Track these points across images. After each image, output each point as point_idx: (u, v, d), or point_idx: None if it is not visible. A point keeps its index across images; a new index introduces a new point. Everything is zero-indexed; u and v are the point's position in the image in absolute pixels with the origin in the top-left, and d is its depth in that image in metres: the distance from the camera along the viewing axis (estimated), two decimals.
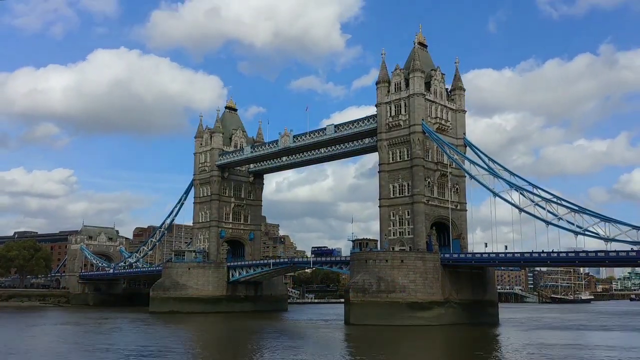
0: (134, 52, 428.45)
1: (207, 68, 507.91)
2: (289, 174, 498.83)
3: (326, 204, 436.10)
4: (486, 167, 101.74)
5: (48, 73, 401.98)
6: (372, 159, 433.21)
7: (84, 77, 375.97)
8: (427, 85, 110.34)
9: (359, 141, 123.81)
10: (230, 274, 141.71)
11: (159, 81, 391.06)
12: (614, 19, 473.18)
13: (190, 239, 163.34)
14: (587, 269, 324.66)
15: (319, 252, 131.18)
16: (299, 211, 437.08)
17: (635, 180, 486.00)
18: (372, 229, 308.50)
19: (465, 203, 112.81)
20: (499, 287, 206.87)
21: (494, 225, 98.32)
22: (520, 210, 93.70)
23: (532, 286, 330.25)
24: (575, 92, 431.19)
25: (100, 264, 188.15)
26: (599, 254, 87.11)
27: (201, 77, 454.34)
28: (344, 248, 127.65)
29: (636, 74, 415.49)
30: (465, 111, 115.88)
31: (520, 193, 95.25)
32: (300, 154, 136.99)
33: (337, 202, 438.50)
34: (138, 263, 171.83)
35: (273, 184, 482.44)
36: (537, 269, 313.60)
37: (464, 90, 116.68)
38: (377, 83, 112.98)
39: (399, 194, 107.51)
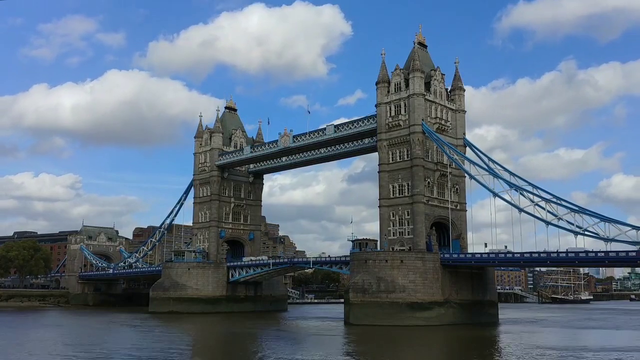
0: (141, 74, 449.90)
1: (205, 89, 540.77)
2: (281, 179, 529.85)
3: (319, 207, 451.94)
4: (486, 167, 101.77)
5: (59, 91, 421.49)
6: (362, 163, 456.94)
7: (93, 96, 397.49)
8: (427, 86, 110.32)
9: (359, 141, 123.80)
10: (230, 274, 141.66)
11: (162, 100, 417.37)
12: (576, 42, 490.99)
13: (190, 239, 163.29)
14: (586, 269, 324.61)
15: None
16: (293, 214, 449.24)
17: (614, 185, 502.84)
18: (365, 231, 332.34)
19: (465, 203, 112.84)
20: (498, 287, 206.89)
21: (493, 226, 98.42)
22: (520, 210, 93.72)
23: (532, 286, 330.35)
24: (545, 107, 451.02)
25: (100, 264, 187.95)
26: (598, 254, 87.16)
27: (199, 96, 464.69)
28: (339, 249, 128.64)
29: (597, 90, 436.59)
30: (465, 111, 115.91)
31: (520, 193, 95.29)
32: (300, 154, 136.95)
33: (330, 205, 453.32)
34: (138, 263, 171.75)
35: (266, 187, 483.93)
36: (537, 269, 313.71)
37: (464, 90, 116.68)
38: (377, 83, 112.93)
39: (399, 194, 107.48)
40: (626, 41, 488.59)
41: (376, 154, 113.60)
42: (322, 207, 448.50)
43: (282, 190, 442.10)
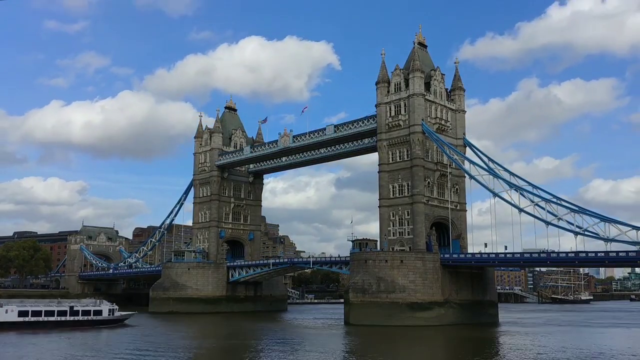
0: (148, 96, 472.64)
1: (205, 109, 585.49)
2: (273, 184, 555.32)
3: (311, 210, 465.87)
4: (486, 167, 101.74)
5: (72, 108, 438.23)
6: (352, 167, 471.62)
7: (104, 115, 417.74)
8: (427, 86, 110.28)
9: (359, 141, 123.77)
10: (230, 274, 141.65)
11: (168, 118, 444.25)
12: (539, 61, 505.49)
13: (190, 239, 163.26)
14: (586, 269, 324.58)
15: None
16: (287, 216, 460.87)
17: (593, 188, 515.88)
18: (357, 232, 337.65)
19: (465, 203, 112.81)
20: (498, 287, 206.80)
21: (493, 226, 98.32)
22: (520, 210, 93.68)
23: (531, 286, 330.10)
24: (516, 121, 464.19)
25: (99, 264, 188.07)
26: (599, 254, 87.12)
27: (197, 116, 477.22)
28: (335, 250, 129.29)
29: (561, 107, 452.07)
30: (465, 111, 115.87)
31: (520, 193, 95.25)
32: (300, 154, 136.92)
33: (322, 209, 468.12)
34: (138, 263, 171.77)
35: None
36: (537, 269, 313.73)
37: (464, 90, 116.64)
38: (376, 83, 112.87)
39: (399, 194, 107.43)
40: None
41: (367, 155, 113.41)
42: (315, 210, 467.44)
43: (273, 194, 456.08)
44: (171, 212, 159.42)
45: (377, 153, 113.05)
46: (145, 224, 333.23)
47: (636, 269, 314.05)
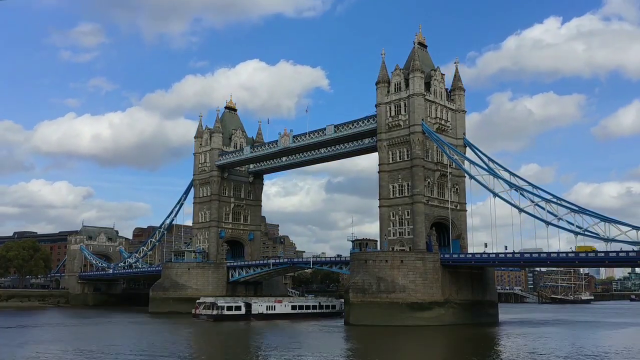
0: (154, 113, 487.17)
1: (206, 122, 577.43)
2: (266, 188, 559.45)
3: (305, 213, 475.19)
4: (486, 167, 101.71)
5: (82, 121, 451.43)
6: (340, 177, 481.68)
7: (113, 129, 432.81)
8: (427, 86, 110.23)
9: (359, 141, 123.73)
10: (230, 274, 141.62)
11: (172, 132, 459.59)
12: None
13: (190, 239, 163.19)
14: (587, 269, 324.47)
15: None
16: (282, 218, 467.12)
17: (576, 192, 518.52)
18: (348, 234, 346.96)
19: (465, 203, 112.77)
20: (498, 287, 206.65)
21: (493, 226, 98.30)
22: (520, 210, 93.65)
23: (532, 286, 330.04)
24: (494, 133, 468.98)
25: (99, 264, 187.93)
26: (598, 254, 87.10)
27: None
28: (330, 251, 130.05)
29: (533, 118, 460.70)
30: (465, 111, 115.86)
31: (520, 193, 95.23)
32: (300, 154, 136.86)
33: (316, 211, 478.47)
34: (138, 263, 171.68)
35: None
36: (537, 269, 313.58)
37: (464, 90, 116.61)
38: (377, 83, 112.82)
39: (399, 194, 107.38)
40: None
41: (355, 161, 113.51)
42: (308, 212, 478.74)
43: (266, 197, 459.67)
44: (171, 212, 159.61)
45: (367, 155, 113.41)
46: (146, 224, 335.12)
47: (636, 269, 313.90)
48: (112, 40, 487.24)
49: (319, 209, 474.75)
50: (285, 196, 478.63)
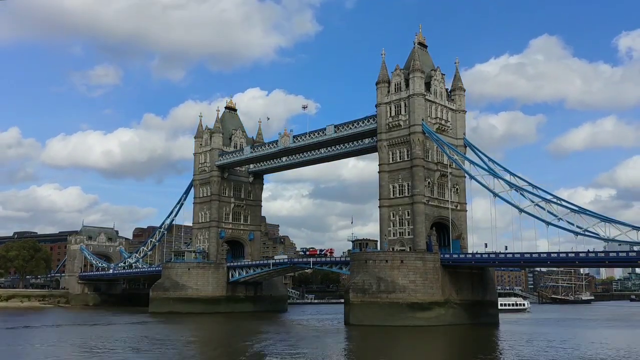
0: (162, 132, 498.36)
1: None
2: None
3: (298, 217, 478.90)
4: (486, 167, 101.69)
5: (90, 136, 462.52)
6: (333, 183, 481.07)
7: (122, 147, 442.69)
8: (427, 86, 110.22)
9: (359, 141, 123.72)
10: (230, 274, 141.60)
11: (178, 148, 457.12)
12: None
13: (190, 239, 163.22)
14: (587, 270, 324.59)
15: None
16: (276, 221, 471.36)
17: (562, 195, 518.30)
18: (340, 236, 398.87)
19: (465, 203, 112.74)
20: (499, 287, 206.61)
21: (493, 226, 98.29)
22: (520, 210, 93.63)
23: (532, 286, 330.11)
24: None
25: (100, 265, 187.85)
26: (599, 254, 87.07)
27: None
28: None
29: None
30: (465, 111, 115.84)
31: (521, 193, 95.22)
32: (300, 154, 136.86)
33: (308, 215, 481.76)
34: (138, 263, 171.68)
35: None
36: (537, 269, 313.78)
37: (464, 90, 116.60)
38: (377, 83, 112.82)
39: (399, 194, 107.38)
40: None
41: (337, 169, 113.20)
42: (300, 216, 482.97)
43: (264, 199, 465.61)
44: (171, 212, 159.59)
45: (348, 164, 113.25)
46: (146, 224, 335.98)
47: (636, 269, 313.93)
48: (124, 82, 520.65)
49: (310, 212, 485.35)
50: (278, 200, 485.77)
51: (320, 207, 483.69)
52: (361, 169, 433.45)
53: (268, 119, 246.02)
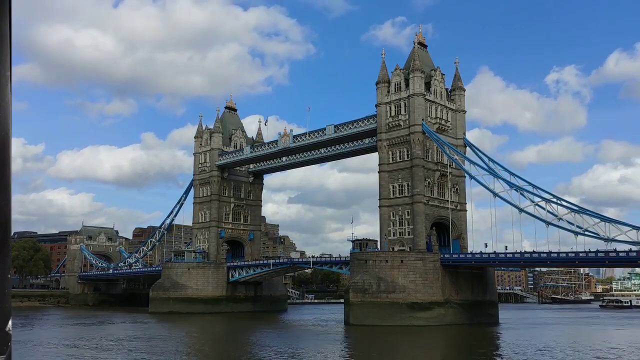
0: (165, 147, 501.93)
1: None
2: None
3: (289, 220, 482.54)
4: (486, 167, 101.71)
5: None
6: (319, 182, 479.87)
7: (129, 161, 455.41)
8: (427, 86, 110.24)
9: (359, 141, 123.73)
10: (230, 274, 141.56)
11: (180, 161, 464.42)
12: None
13: (190, 239, 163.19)
14: (587, 269, 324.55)
15: None
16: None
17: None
18: (331, 238, 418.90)
19: (465, 203, 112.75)
20: (499, 287, 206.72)
21: (494, 226, 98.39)
22: (520, 210, 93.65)
23: (532, 286, 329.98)
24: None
25: (99, 264, 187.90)
26: (599, 254, 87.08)
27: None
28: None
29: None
30: (465, 111, 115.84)
31: (521, 193, 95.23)
32: (300, 154, 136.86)
33: (299, 219, 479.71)
34: (138, 263, 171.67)
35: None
36: (537, 269, 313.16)
37: (464, 90, 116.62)
38: (377, 83, 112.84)
39: (399, 194, 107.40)
40: None
41: (317, 176, 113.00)
42: (292, 220, 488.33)
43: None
44: (171, 212, 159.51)
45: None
46: (146, 224, 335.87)
47: (636, 269, 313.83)
48: (133, 113, 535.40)
49: (300, 216, 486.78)
50: (268, 204, 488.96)
51: (309, 212, 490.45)
52: (341, 176, 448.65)
53: (266, 123, 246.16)
